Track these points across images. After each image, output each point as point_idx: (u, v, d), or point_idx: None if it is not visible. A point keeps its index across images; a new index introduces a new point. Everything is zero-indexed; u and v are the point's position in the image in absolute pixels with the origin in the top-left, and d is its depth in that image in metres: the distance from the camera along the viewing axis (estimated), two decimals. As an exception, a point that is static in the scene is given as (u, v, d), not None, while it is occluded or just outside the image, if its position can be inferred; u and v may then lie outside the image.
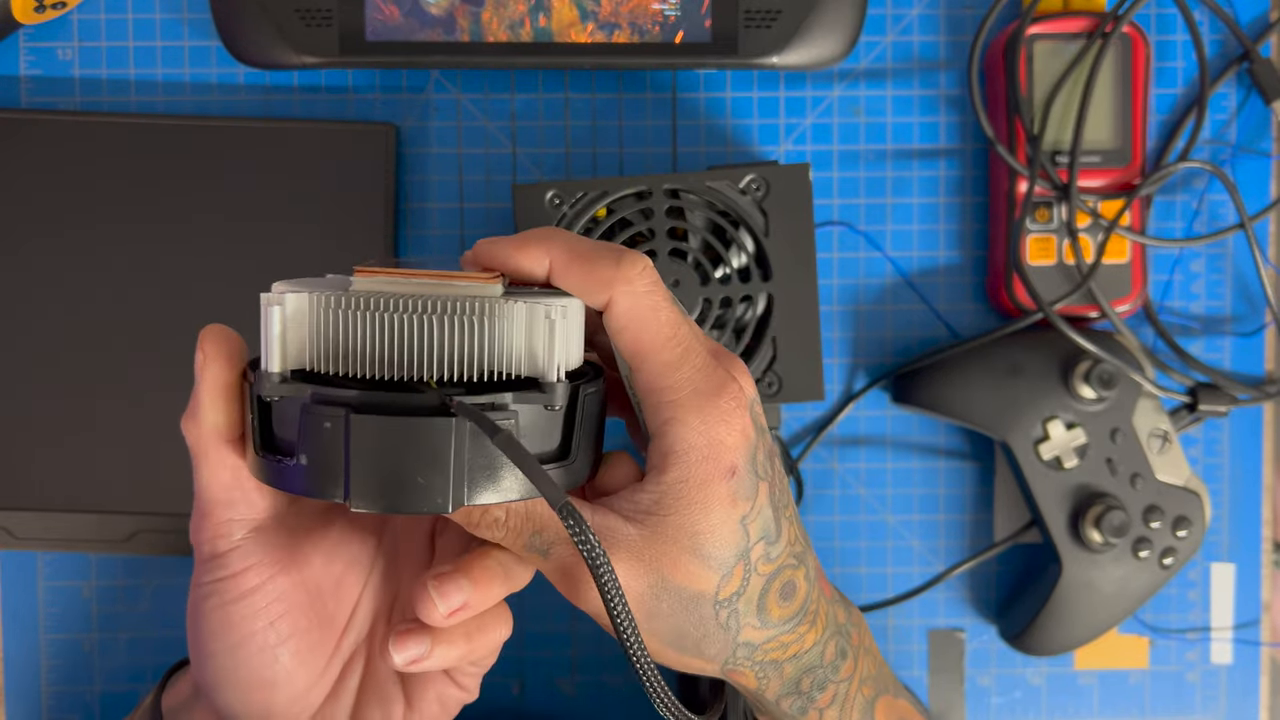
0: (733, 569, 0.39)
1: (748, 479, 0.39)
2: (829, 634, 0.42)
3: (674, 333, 0.38)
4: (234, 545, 0.41)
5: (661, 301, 0.38)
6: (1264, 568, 0.62)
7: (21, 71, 0.59)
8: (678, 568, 0.38)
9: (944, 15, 0.60)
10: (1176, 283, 0.61)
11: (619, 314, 0.38)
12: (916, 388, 0.59)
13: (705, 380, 0.38)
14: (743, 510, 0.38)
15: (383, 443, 0.35)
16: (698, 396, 0.38)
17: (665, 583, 0.38)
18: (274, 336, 0.36)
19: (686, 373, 0.38)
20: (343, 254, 0.58)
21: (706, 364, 0.39)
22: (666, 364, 0.38)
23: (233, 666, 0.41)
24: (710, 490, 0.38)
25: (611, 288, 0.38)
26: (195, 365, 0.39)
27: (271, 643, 0.41)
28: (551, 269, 0.38)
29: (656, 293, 0.38)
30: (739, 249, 0.54)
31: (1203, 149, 0.60)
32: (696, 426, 0.38)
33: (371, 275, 0.37)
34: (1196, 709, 0.62)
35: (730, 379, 0.38)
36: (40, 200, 0.57)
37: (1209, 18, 0.60)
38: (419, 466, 0.35)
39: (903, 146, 0.60)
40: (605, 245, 0.39)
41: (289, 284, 0.38)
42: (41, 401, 0.58)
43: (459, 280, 0.37)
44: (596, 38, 0.55)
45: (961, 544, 0.61)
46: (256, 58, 0.56)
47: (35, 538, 0.58)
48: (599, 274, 0.38)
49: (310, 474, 0.36)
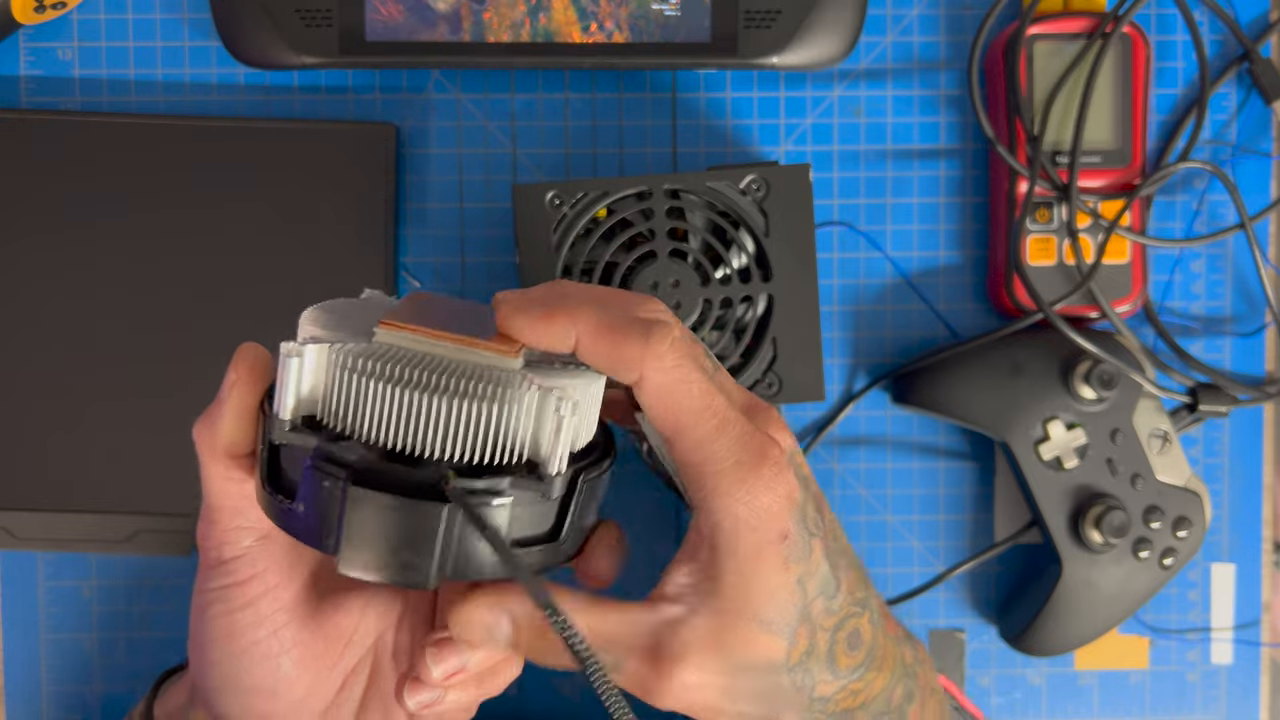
0: (797, 631, 0.38)
1: (800, 540, 0.38)
2: (896, 677, 0.42)
3: (708, 404, 0.37)
4: (240, 552, 0.41)
5: (693, 374, 0.37)
6: (1264, 568, 0.62)
7: (21, 71, 0.59)
8: (747, 644, 0.37)
9: (944, 15, 0.60)
10: (1177, 283, 0.61)
11: (650, 391, 0.37)
12: (916, 388, 0.59)
13: (745, 449, 0.37)
14: (798, 572, 0.38)
15: (376, 517, 0.36)
16: (739, 467, 0.37)
17: (738, 663, 0.37)
18: (289, 387, 0.36)
19: (725, 444, 0.37)
20: (343, 254, 0.58)
21: (744, 431, 0.37)
22: (703, 438, 0.37)
23: (235, 673, 0.42)
24: (763, 560, 0.37)
25: (641, 366, 0.37)
26: (225, 382, 0.39)
27: (275, 651, 0.41)
28: (578, 344, 0.37)
29: (686, 365, 0.37)
30: (739, 249, 0.54)
31: (1203, 149, 0.60)
32: (741, 498, 0.37)
33: (395, 330, 0.37)
34: (1196, 709, 0.62)
35: (770, 442, 0.37)
36: (40, 200, 0.58)
37: (1209, 18, 0.60)
38: (407, 544, 0.36)
39: (903, 147, 0.60)
40: (632, 318, 0.38)
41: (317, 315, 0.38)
42: (41, 401, 0.58)
43: (479, 349, 0.37)
44: (596, 38, 0.55)
45: (961, 544, 0.61)
46: (256, 58, 0.56)
47: (35, 538, 0.58)
48: (627, 352, 0.37)
49: (307, 523, 0.37)
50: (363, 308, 0.41)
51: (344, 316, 0.39)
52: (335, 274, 0.58)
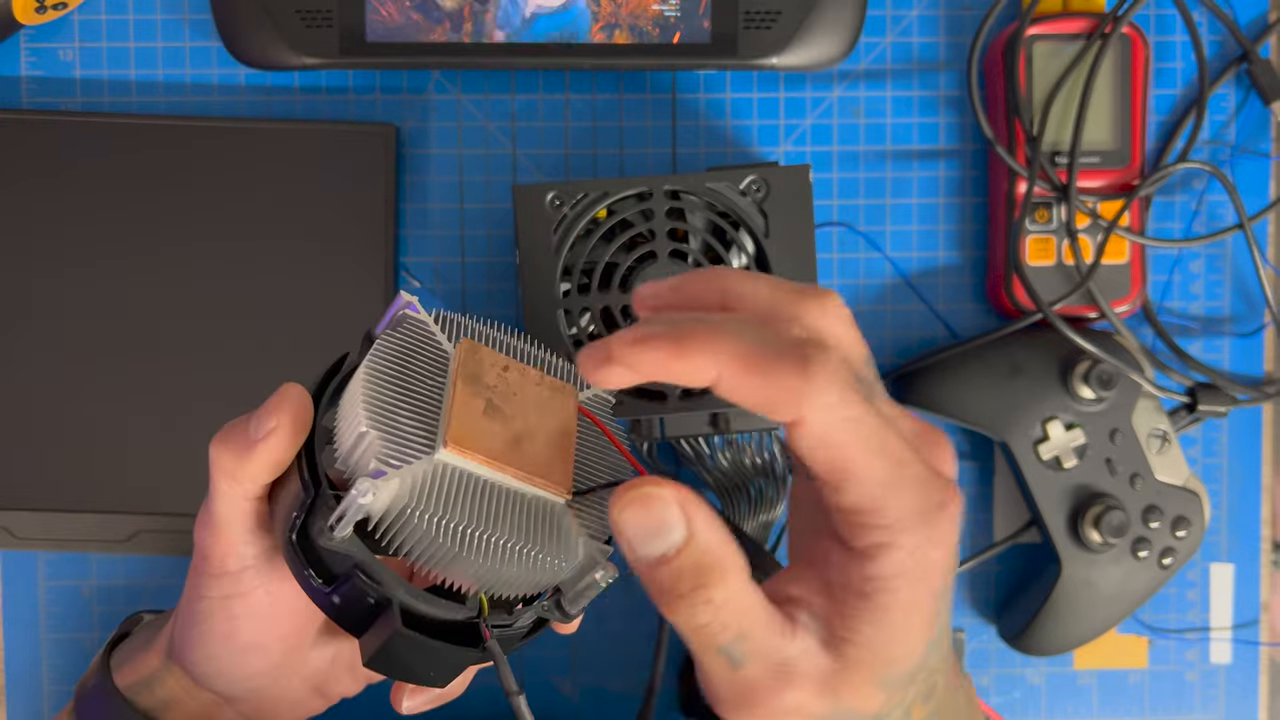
0: (901, 688, 0.35)
1: (944, 597, 0.34)
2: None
3: (882, 444, 0.32)
4: (247, 564, 0.41)
5: (860, 409, 0.32)
6: (1263, 568, 0.62)
7: (22, 72, 0.59)
8: (859, 694, 0.34)
9: (943, 16, 0.60)
10: (1176, 283, 0.61)
11: (811, 435, 0.32)
12: (916, 388, 0.59)
13: (924, 497, 0.33)
14: (933, 634, 0.34)
15: (415, 651, 0.38)
16: (917, 521, 0.33)
17: (840, 708, 0.34)
18: (353, 517, 0.36)
19: (901, 497, 0.33)
20: (343, 254, 0.58)
21: (921, 475, 0.33)
22: (878, 485, 0.32)
23: (235, 665, 0.43)
24: (915, 618, 0.33)
25: (799, 406, 0.32)
26: (262, 421, 0.39)
27: (274, 644, 0.42)
28: (720, 381, 0.32)
29: (852, 400, 0.32)
30: (739, 250, 0.54)
31: (1202, 150, 0.61)
32: (913, 550, 0.33)
33: (460, 453, 0.37)
34: (1195, 709, 0.62)
35: (948, 489, 0.33)
36: (41, 201, 0.58)
37: (1208, 18, 0.60)
38: (436, 669, 0.39)
39: (902, 147, 0.60)
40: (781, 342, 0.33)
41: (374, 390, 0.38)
42: (41, 401, 0.58)
43: (534, 484, 0.38)
44: (597, 38, 0.55)
45: (961, 544, 0.61)
46: (257, 58, 0.56)
47: (35, 538, 0.58)
48: (780, 390, 0.32)
49: (340, 613, 0.39)
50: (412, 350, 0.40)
51: (398, 381, 0.39)
52: (335, 274, 0.58)
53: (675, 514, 0.32)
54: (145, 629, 0.48)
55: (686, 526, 0.32)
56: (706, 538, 0.32)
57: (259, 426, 0.39)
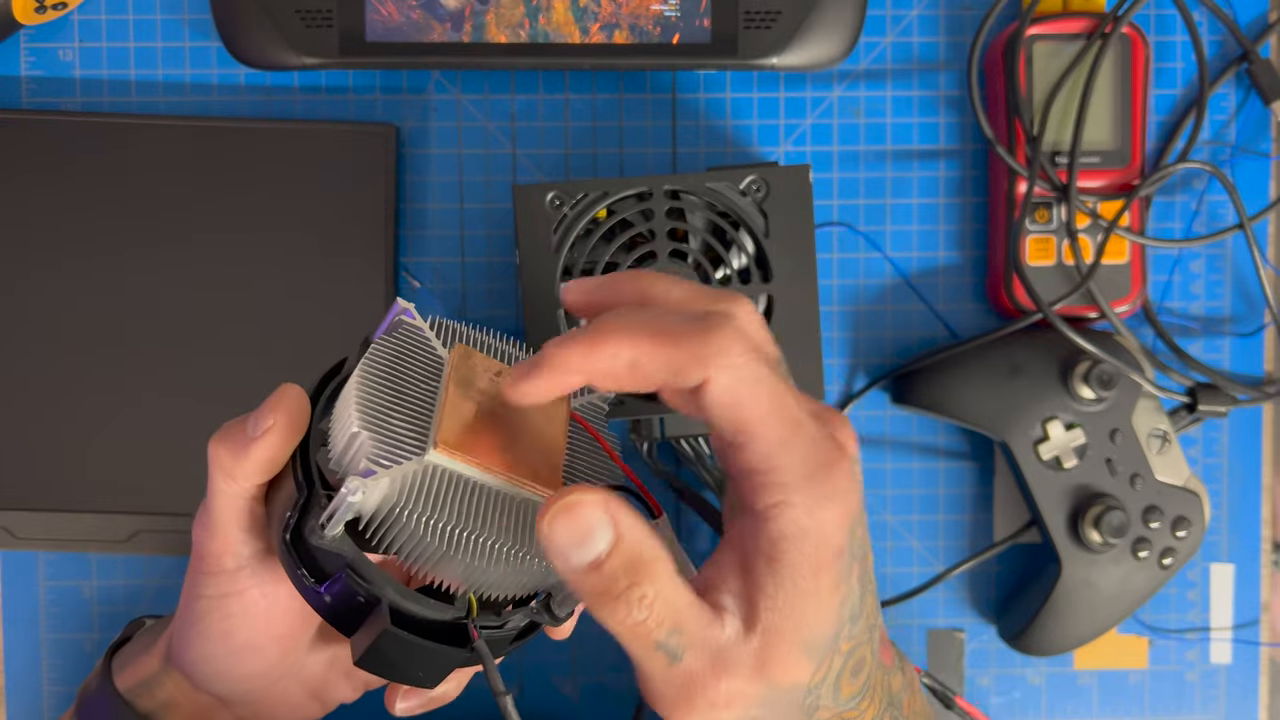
0: (825, 656, 0.36)
1: (848, 558, 0.35)
2: (883, 707, 0.40)
3: (779, 407, 0.34)
4: (241, 564, 0.41)
5: (764, 371, 0.34)
6: (1263, 568, 0.62)
7: (22, 72, 0.59)
8: (786, 665, 0.35)
9: (943, 16, 0.60)
10: (1176, 283, 0.61)
11: (716, 393, 0.34)
12: (916, 388, 0.59)
13: (816, 459, 0.34)
14: (843, 594, 0.36)
15: (404, 650, 0.38)
16: (808, 479, 0.34)
17: (773, 688, 0.35)
18: (344, 515, 0.37)
19: (797, 453, 0.34)
20: (343, 254, 0.58)
21: (816, 438, 0.35)
22: (775, 445, 0.34)
23: (232, 665, 0.43)
24: (822, 577, 0.35)
25: (705, 367, 0.34)
26: (259, 420, 0.39)
27: (270, 645, 0.42)
28: (637, 364, 0.34)
29: (756, 361, 0.34)
30: (739, 250, 0.54)
31: (1202, 150, 0.61)
32: (809, 508, 0.34)
33: (451, 455, 0.38)
34: (1196, 709, 0.62)
35: (839, 451, 0.35)
36: (41, 201, 0.58)
37: (1208, 18, 0.60)
38: (425, 669, 0.39)
39: (902, 147, 0.60)
40: (685, 315, 0.35)
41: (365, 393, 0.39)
42: (42, 401, 0.58)
43: (526, 488, 0.39)
44: (597, 38, 0.55)
45: (961, 544, 0.61)
46: (257, 58, 0.56)
47: (35, 538, 0.58)
48: (687, 355, 0.34)
49: (331, 611, 0.39)
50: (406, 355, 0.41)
51: (391, 385, 0.40)
52: (335, 274, 0.58)
53: (601, 518, 0.33)
54: (146, 633, 0.48)
55: (614, 529, 0.33)
56: (633, 537, 0.33)
57: (256, 425, 0.39)
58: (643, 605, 0.33)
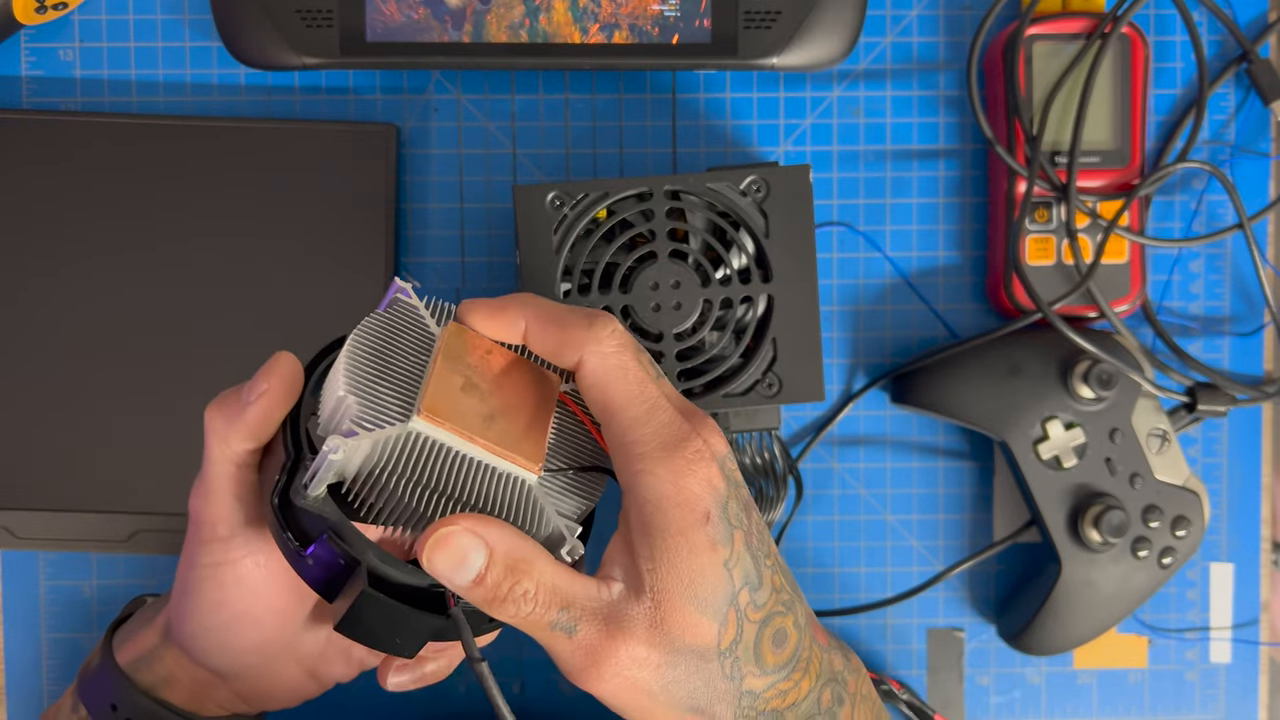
0: (726, 615, 0.39)
1: (722, 526, 0.39)
2: (823, 681, 0.43)
3: (640, 391, 0.40)
4: (235, 531, 0.42)
5: (629, 361, 0.40)
6: (1262, 567, 0.62)
7: (23, 72, 0.59)
8: (682, 623, 0.39)
9: (943, 16, 0.60)
10: (1175, 283, 0.61)
11: (587, 373, 0.40)
12: (916, 388, 0.59)
13: (670, 434, 0.39)
14: (724, 555, 0.39)
15: (382, 614, 0.39)
16: (663, 449, 0.39)
17: (676, 645, 0.39)
18: (323, 475, 0.38)
19: (652, 428, 0.39)
20: (343, 254, 0.58)
21: (672, 420, 0.40)
22: (633, 419, 0.40)
23: (228, 637, 0.44)
24: (691, 536, 0.39)
25: (581, 349, 0.40)
26: (254, 386, 0.41)
27: (266, 617, 0.44)
28: (527, 333, 0.41)
29: (625, 353, 0.40)
30: (739, 250, 0.54)
31: (1201, 149, 0.61)
32: (664, 476, 0.39)
33: (433, 423, 0.39)
34: (1195, 708, 0.62)
35: (694, 433, 0.40)
36: (41, 200, 0.58)
37: (1208, 18, 0.60)
38: (402, 636, 0.40)
39: (902, 147, 0.60)
40: (577, 309, 0.41)
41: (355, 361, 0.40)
42: (41, 401, 0.58)
43: (506, 458, 0.40)
44: (597, 39, 0.55)
45: (961, 543, 0.61)
46: (257, 58, 0.56)
47: (35, 537, 0.58)
48: (569, 337, 0.40)
49: (313, 575, 0.40)
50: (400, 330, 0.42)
51: (382, 356, 0.41)
52: (335, 274, 0.58)
53: (472, 541, 0.37)
54: (146, 609, 0.48)
55: (485, 545, 0.38)
56: (505, 546, 0.38)
57: (251, 390, 0.41)
58: (527, 598, 0.38)
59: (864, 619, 0.61)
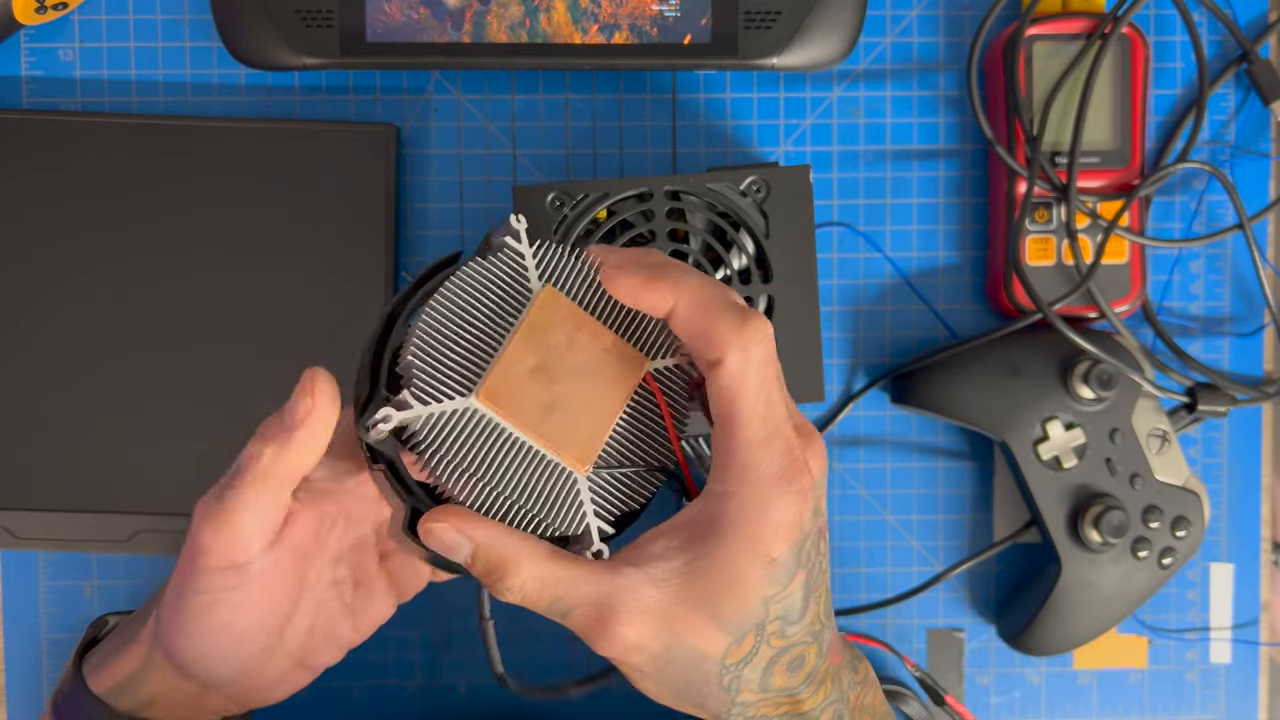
0: (743, 638, 0.39)
1: (787, 568, 0.39)
2: (828, 701, 0.43)
3: (769, 412, 0.38)
4: (251, 559, 0.42)
5: (770, 375, 0.38)
6: (1262, 568, 0.62)
7: (23, 72, 0.59)
8: (694, 630, 0.39)
9: (943, 16, 0.60)
10: (1175, 283, 0.61)
11: (724, 374, 0.38)
12: (916, 388, 0.59)
13: (781, 467, 0.38)
14: (770, 593, 0.39)
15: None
16: (765, 483, 0.38)
17: (680, 641, 0.39)
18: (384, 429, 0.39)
19: (765, 456, 0.38)
20: (343, 254, 0.58)
21: (789, 449, 0.38)
22: (750, 440, 0.38)
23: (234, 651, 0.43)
24: (744, 572, 0.38)
25: (726, 349, 0.38)
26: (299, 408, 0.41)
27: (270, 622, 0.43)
28: (674, 313, 0.39)
29: (769, 366, 0.38)
30: (739, 251, 0.54)
31: (1201, 150, 0.61)
32: (756, 509, 0.38)
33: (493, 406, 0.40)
34: (1195, 709, 0.62)
35: (805, 471, 0.39)
36: (41, 201, 0.58)
37: (1208, 18, 0.60)
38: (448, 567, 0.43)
39: (902, 147, 0.60)
40: (732, 299, 0.39)
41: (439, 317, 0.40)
42: (41, 401, 0.58)
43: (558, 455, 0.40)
44: (597, 39, 0.55)
45: (960, 544, 0.61)
46: (257, 59, 0.56)
47: (35, 537, 0.58)
48: (719, 331, 0.38)
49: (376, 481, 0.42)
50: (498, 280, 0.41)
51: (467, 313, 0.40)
52: (336, 274, 0.58)
53: (455, 538, 0.39)
54: (118, 633, 0.47)
55: (470, 542, 0.39)
56: (490, 545, 0.39)
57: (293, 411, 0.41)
58: (513, 591, 0.39)
59: (864, 619, 0.61)
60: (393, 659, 0.61)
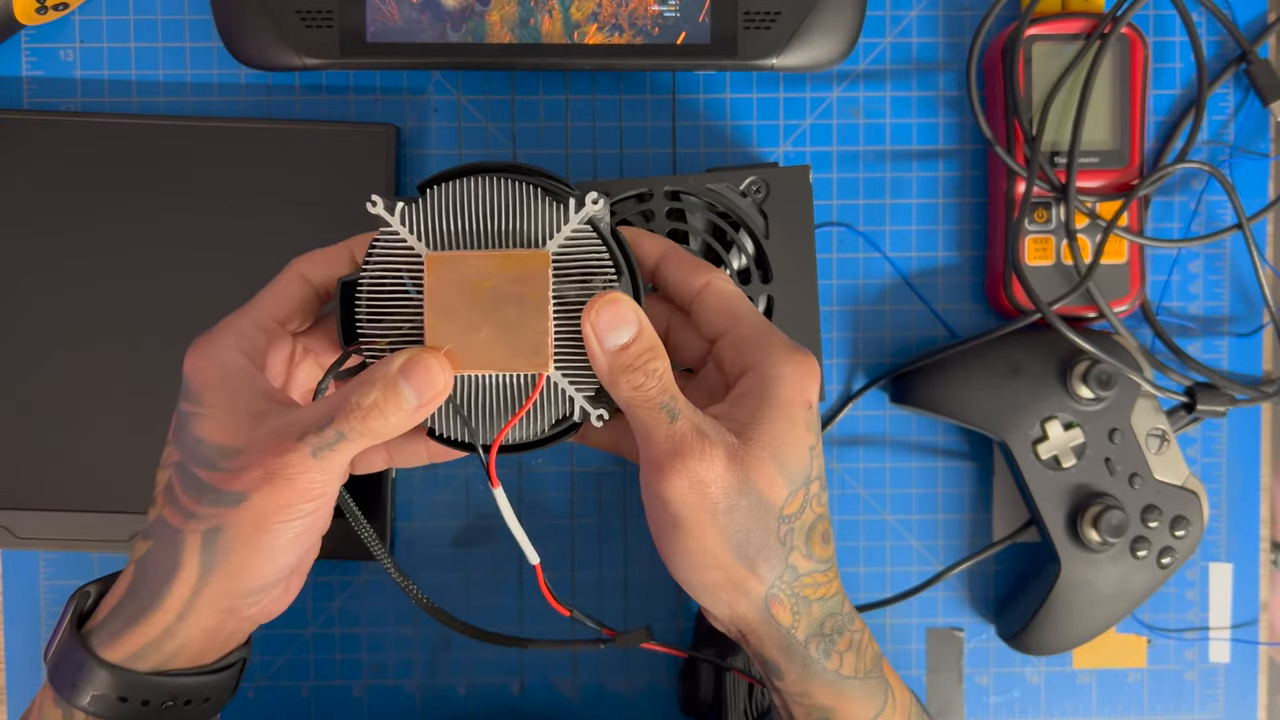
0: (798, 490, 0.43)
1: (816, 418, 0.45)
2: (843, 593, 0.46)
3: (760, 315, 0.45)
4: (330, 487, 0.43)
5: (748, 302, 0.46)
6: (1261, 567, 0.62)
7: (23, 72, 0.59)
8: (761, 471, 0.42)
9: (942, 17, 0.60)
10: (1175, 283, 0.61)
11: (715, 289, 0.45)
12: (915, 388, 0.59)
13: (785, 342, 0.44)
14: (812, 440, 0.44)
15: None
16: (781, 350, 0.44)
17: (749, 483, 0.42)
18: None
19: (771, 333, 0.44)
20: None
21: (783, 334, 0.45)
22: (756, 324, 0.45)
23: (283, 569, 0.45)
24: (794, 413, 0.43)
25: (710, 274, 0.45)
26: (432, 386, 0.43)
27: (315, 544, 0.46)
28: (663, 257, 0.46)
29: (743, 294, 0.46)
30: (739, 251, 0.54)
31: (1201, 150, 0.61)
32: (784, 369, 0.44)
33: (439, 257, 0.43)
34: (1194, 708, 0.62)
35: (808, 352, 0.45)
36: (41, 200, 0.58)
37: (1207, 19, 0.60)
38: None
39: (902, 147, 0.60)
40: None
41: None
42: (41, 401, 0.58)
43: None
44: (597, 39, 0.55)
45: (960, 543, 0.61)
46: (257, 59, 0.56)
47: (35, 537, 0.58)
48: (700, 268, 0.45)
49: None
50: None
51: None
52: (336, 274, 0.58)
53: (632, 313, 0.43)
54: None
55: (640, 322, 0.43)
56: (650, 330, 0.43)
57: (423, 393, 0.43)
58: (654, 375, 0.43)
59: (864, 619, 0.61)
60: (393, 659, 0.61)
